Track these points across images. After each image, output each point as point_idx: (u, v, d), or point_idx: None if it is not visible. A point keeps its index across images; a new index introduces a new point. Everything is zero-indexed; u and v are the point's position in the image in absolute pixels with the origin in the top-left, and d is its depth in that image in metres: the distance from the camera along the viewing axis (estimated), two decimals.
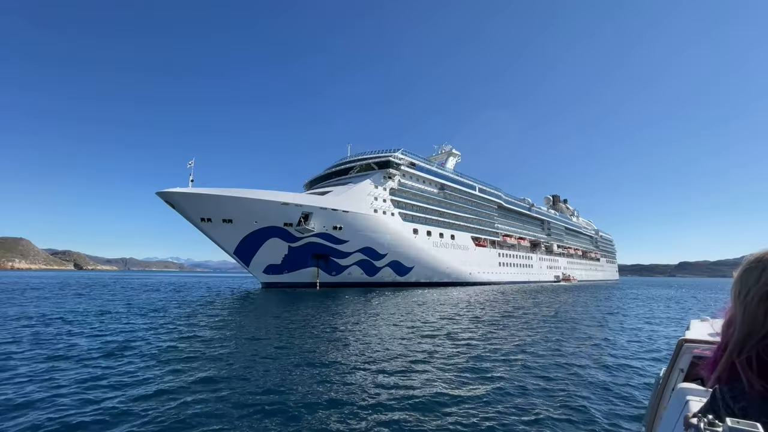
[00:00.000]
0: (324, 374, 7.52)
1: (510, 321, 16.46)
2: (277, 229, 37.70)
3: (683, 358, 2.02)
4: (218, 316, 16.80)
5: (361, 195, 43.04)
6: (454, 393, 6.50)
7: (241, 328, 13.41)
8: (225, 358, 8.76)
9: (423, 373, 7.72)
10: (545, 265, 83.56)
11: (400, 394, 6.37)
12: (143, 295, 28.54)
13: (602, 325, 16.17)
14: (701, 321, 2.57)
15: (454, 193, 58.27)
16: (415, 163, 51.86)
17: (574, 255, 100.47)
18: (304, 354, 9.31)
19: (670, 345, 11.03)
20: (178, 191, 33.96)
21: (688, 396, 1.32)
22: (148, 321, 14.63)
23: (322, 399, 6.07)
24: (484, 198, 65.60)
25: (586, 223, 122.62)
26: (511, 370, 8.12)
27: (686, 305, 27.88)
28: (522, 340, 11.86)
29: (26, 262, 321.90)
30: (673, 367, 2.07)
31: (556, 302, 27.35)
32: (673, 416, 1.37)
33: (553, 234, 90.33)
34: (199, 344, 10.28)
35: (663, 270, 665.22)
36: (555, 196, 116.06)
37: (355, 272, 43.77)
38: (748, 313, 0.96)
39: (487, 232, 64.38)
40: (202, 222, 36.00)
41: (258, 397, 6.10)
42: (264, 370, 7.71)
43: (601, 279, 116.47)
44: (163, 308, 19.41)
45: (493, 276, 63.43)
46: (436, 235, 51.65)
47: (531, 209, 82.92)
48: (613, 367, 8.72)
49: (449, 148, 69.80)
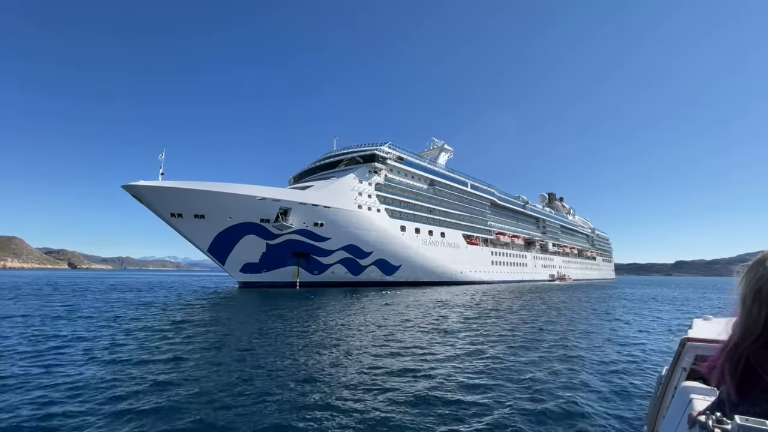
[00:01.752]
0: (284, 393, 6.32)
1: (500, 321, 15.99)
2: (253, 225, 35.60)
3: (686, 357, 2.03)
4: (163, 320, 14.73)
5: (344, 190, 40.98)
6: (438, 397, 6.06)
7: (176, 337, 11.36)
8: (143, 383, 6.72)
9: (395, 384, 6.86)
10: (540, 264, 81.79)
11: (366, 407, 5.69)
12: (102, 296, 26.39)
13: (601, 324, 15.82)
14: (704, 320, 2.57)
15: (444, 189, 56.29)
16: (403, 157, 49.79)
17: (570, 254, 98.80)
18: (257, 368, 7.56)
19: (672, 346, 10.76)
20: (144, 185, 31.80)
21: (692, 395, 1.33)
22: (72, 329, 12.52)
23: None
24: (477, 195, 63.67)
25: (582, 222, 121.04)
26: (505, 370, 7.90)
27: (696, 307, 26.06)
28: (515, 339, 11.62)
29: (19, 261, 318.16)
30: (675, 365, 2.09)
31: (547, 302, 25.50)
32: (676, 415, 1.37)
33: (549, 232, 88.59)
34: (109, 363, 8.20)
35: (659, 269, 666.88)
36: (551, 194, 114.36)
37: (339, 271, 41.75)
38: (745, 312, 0.98)
39: (480, 230, 62.47)
40: (173, 218, 33.85)
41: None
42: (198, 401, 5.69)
43: (597, 278, 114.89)
44: (104, 312, 17.30)
45: (486, 275, 61.53)
46: (425, 233, 49.68)
47: (526, 207, 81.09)
48: (615, 365, 8.56)
49: (441, 144, 67.76)
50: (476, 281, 58.56)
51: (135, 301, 23.07)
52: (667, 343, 11.74)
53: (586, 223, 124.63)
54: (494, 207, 69.15)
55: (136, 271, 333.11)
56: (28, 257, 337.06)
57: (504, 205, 72.42)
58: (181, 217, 33.83)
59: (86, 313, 16.30)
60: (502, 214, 72.37)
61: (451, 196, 57.48)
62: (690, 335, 2.12)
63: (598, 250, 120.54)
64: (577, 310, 21.41)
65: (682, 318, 19.01)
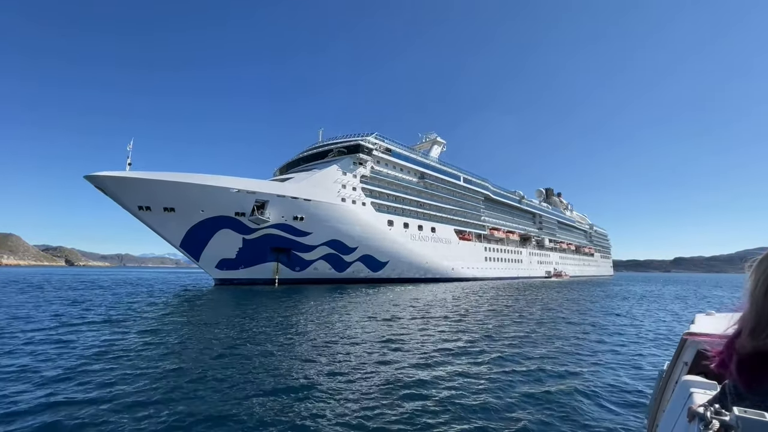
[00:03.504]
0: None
1: (494, 317, 15.63)
2: (227, 219, 33.59)
3: (687, 352, 2.01)
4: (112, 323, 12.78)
5: (326, 182, 38.94)
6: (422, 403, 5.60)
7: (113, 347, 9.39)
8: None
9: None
10: (536, 260, 79.92)
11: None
12: (69, 293, 24.44)
13: (598, 319, 15.50)
14: (706, 315, 2.55)
15: (435, 182, 54.22)
16: (392, 148, 47.70)
17: (567, 250, 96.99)
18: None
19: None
20: (108, 175, 29.74)
21: (692, 388, 1.34)
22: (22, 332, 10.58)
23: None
24: (470, 189, 61.64)
25: (580, 218, 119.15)
26: (503, 361, 7.92)
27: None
28: (512, 332, 11.64)
29: (15, 258, 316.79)
30: (677, 360, 2.07)
31: (538, 299, 23.65)
32: (676, 408, 1.39)
33: (545, 228, 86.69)
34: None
35: (658, 266, 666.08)
36: (548, 189, 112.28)
37: (322, 267, 39.82)
38: (756, 306, 0.98)
39: (473, 225, 60.52)
40: (141, 211, 31.79)
41: None
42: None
43: (595, 274, 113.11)
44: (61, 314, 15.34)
45: (479, 271, 59.64)
46: (414, 228, 47.71)
47: (521, 202, 79.09)
48: (615, 360, 8.49)
49: (434, 136, 65.72)
50: (469, 278, 56.69)
51: (78, 299, 21.11)
52: (667, 338, 11.39)
53: (584, 219, 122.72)
54: (488, 202, 67.19)
55: (133, 268, 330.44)
56: (24, 254, 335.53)
57: (498, 200, 70.46)
58: (150, 210, 31.79)
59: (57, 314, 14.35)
60: (497, 209, 70.42)
61: (443, 189, 55.45)
62: (692, 330, 2.09)
63: (596, 247, 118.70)
64: (572, 306, 20.69)
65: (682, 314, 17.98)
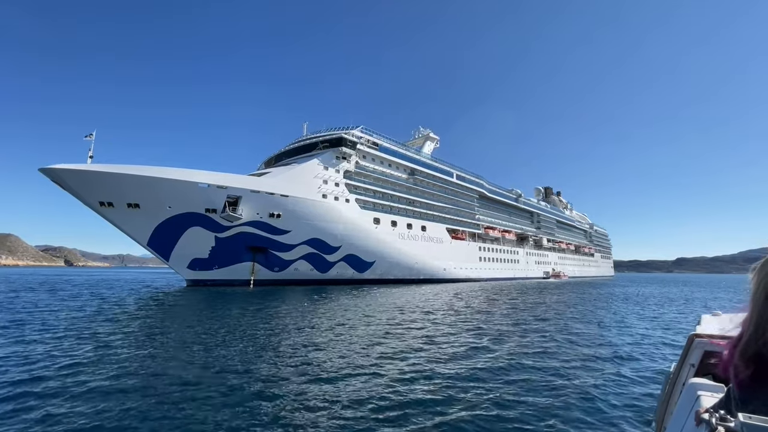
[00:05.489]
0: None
1: (491, 315, 15.37)
2: (197, 216, 31.39)
3: (694, 353, 1.97)
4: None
5: (305, 177, 36.71)
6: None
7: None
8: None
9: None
10: (533, 260, 77.54)
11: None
12: (29, 296, 22.26)
13: (603, 320, 15.14)
14: (713, 315, 2.51)
15: (426, 179, 51.95)
16: (378, 143, 45.41)
17: (566, 250, 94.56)
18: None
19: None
20: (64, 168, 27.57)
21: (699, 391, 1.32)
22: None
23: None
24: (463, 186, 59.33)
25: (579, 217, 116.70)
26: (504, 362, 7.77)
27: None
28: (512, 333, 11.52)
29: (13, 258, 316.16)
30: (684, 362, 2.03)
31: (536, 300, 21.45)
32: (683, 411, 1.36)
33: (543, 227, 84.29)
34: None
35: (660, 266, 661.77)
36: (547, 187, 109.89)
37: (303, 268, 37.58)
38: (757, 310, 0.98)
39: (467, 224, 58.20)
40: (102, 207, 29.63)
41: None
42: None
43: (595, 275, 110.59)
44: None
45: (473, 272, 57.32)
46: (402, 226, 45.44)
47: (518, 200, 76.77)
48: (622, 361, 8.34)
49: (427, 132, 63.50)
50: (462, 279, 54.38)
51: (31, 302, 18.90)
52: (673, 338, 11.09)
53: (584, 218, 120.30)
54: (483, 199, 64.87)
55: (133, 268, 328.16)
56: (23, 254, 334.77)
57: (494, 198, 68.15)
58: (112, 207, 29.62)
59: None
60: (492, 207, 68.11)
61: (434, 186, 53.15)
62: (698, 331, 2.04)
63: (597, 247, 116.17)
64: (574, 307, 20.02)
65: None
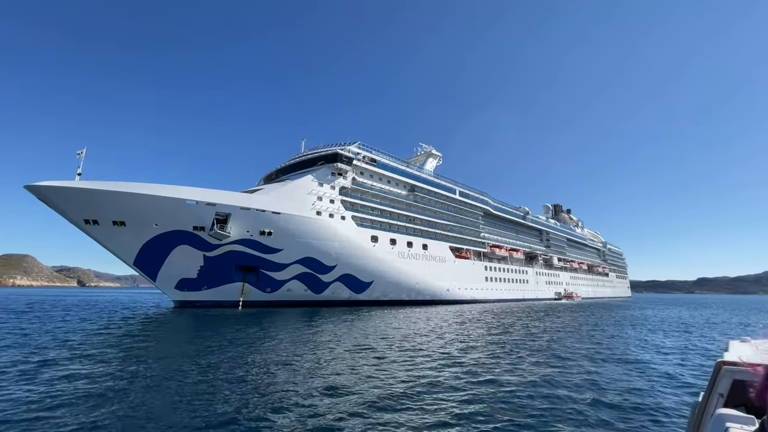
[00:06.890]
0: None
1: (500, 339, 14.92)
2: (185, 234, 30.31)
3: (722, 382, 1.85)
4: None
5: (298, 193, 35.60)
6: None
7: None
8: None
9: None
10: (544, 280, 74.15)
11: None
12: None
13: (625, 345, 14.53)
14: (741, 342, 2.42)
15: (427, 196, 50.44)
16: (377, 159, 44.40)
17: (579, 269, 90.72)
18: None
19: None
20: (49, 185, 27.01)
21: (728, 422, 1.23)
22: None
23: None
24: (467, 203, 57.56)
25: (592, 235, 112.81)
26: (519, 398, 7.30)
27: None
28: (526, 359, 11.28)
29: (28, 279, 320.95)
30: (711, 391, 1.89)
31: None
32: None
33: (553, 246, 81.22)
34: None
35: (680, 286, 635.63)
36: (557, 205, 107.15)
37: (297, 288, 35.84)
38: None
39: (471, 242, 56.04)
40: (87, 225, 28.85)
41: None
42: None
43: (611, 296, 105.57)
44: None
45: (478, 293, 54.57)
46: (402, 244, 43.64)
47: (526, 218, 74.36)
48: (645, 391, 7.99)
49: (429, 149, 62.66)
50: (467, 300, 51.68)
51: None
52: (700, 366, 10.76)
53: (597, 237, 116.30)
54: (488, 217, 62.84)
55: (145, 288, 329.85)
56: (38, 275, 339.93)
57: (500, 215, 66.01)
58: (98, 224, 28.80)
59: None
60: (499, 225, 65.90)
61: (436, 203, 51.53)
62: (726, 358, 1.93)
63: (611, 266, 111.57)
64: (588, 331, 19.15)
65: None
